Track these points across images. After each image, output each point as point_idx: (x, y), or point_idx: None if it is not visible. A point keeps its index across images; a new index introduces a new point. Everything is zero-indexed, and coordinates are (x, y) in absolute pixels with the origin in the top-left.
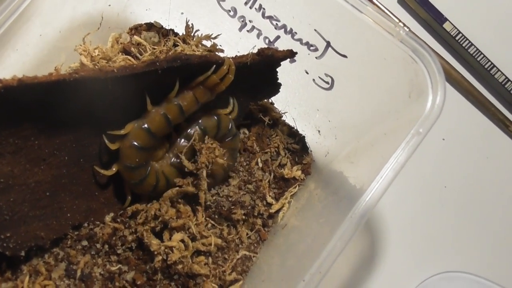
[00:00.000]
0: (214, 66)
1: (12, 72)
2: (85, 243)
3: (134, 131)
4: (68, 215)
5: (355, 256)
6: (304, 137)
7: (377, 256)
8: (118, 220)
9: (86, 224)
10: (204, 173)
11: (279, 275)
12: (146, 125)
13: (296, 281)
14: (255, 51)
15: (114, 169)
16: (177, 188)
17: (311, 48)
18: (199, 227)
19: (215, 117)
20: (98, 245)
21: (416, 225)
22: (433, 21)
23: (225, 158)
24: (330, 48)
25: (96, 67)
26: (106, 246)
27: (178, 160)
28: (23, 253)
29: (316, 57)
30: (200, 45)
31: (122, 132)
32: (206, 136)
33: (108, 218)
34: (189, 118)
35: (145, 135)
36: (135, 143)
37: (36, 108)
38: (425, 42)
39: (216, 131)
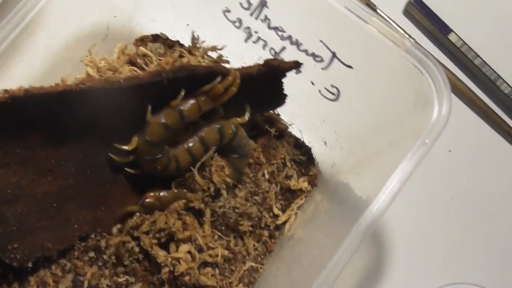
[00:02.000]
0: (220, 77)
1: (18, 82)
2: (92, 254)
3: (139, 146)
4: (75, 226)
5: (361, 267)
6: (310, 148)
7: (383, 268)
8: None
9: (93, 236)
10: (225, 193)
11: (286, 286)
12: (147, 138)
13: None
14: (261, 62)
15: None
16: (184, 201)
17: (317, 59)
18: (205, 238)
19: (217, 126)
20: (105, 257)
21: (423, 236)
22: (438, 32)
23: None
24: (335, 59)
25: (102, 78)
26: (113, 257)
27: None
28: (30, 264)
29: (321, 68)
30: (206, 56)
31: (129, 148)
32: (216, 154)
33: (115, 230)
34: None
35: (150, 147)
36: (146, 157)
37: (43, 119)
38: (430, 53)
39: (219, 140)
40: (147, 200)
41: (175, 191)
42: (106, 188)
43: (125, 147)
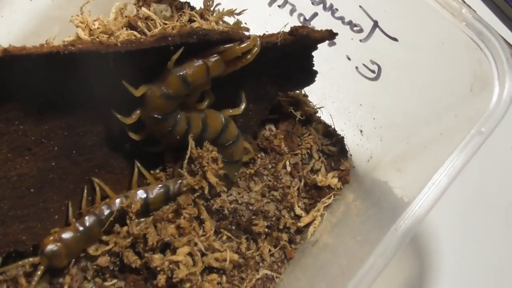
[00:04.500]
0: (238, 42)
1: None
2: None
3: (145, 121)
4: (56, 217)
5: (400, 280)
6: (343, 138)
7: (426, 283)
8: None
9: None
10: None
11: None
12: (152, 114)
13: None
14: (287, 29)
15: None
16: (170, 205)
17: (355, 28)
18: (208, 239)
19: (202, 115)
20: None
21: (475, 249)
22: (505, 4)
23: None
24: (377, 29)
25: (96, 40)
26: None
27: None
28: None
29: (360, 40)
30: (221, 22)
31: (128, 121)
32: (206, 142)
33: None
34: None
35: (157, 122)
36: (156, 133)
37: (23, 86)
38: (492, 27)
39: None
40: (48, 247)
41: (81, 229)
42: (95, 173)
43: (125, 119)
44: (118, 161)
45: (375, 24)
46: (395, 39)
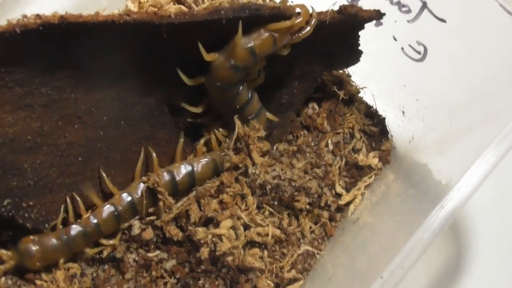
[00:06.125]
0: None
1: (48, 11)
2: None
3: (208, 89)
4: (102, 186)
5: (437, 264)
6: (384, 118)
7: (463, 267)
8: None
9: None
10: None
11: (346, 278)
12: (217, 83)
13: (371, 278)
14: (336, 8)
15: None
16: (212, 183)
17: (403, 9)
18: (251, 214)
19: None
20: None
21: None
22: None
23: None
24: (426, 10)
25: (151, 11)
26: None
27: None
28: (47, 227)
29: (407, 21)
30: (267, 0)
31: (190, 83)
32: (253, 120)
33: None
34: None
35: (221, 91)
36: (218, 101)
37: (76, 54)
38: None
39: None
40: (23, 245)
41: (65, 237)
42: (142, 145)
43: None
44: (164, 133)
45: (424, 5)
46: (443, 21)
